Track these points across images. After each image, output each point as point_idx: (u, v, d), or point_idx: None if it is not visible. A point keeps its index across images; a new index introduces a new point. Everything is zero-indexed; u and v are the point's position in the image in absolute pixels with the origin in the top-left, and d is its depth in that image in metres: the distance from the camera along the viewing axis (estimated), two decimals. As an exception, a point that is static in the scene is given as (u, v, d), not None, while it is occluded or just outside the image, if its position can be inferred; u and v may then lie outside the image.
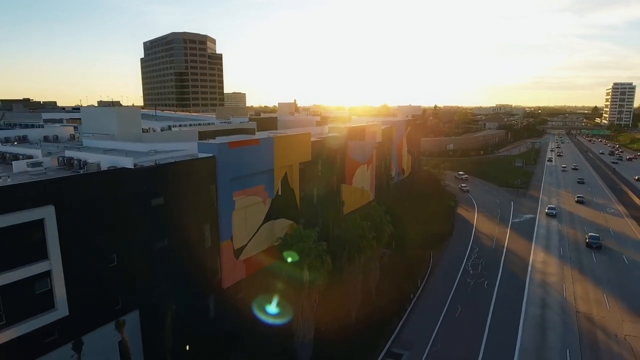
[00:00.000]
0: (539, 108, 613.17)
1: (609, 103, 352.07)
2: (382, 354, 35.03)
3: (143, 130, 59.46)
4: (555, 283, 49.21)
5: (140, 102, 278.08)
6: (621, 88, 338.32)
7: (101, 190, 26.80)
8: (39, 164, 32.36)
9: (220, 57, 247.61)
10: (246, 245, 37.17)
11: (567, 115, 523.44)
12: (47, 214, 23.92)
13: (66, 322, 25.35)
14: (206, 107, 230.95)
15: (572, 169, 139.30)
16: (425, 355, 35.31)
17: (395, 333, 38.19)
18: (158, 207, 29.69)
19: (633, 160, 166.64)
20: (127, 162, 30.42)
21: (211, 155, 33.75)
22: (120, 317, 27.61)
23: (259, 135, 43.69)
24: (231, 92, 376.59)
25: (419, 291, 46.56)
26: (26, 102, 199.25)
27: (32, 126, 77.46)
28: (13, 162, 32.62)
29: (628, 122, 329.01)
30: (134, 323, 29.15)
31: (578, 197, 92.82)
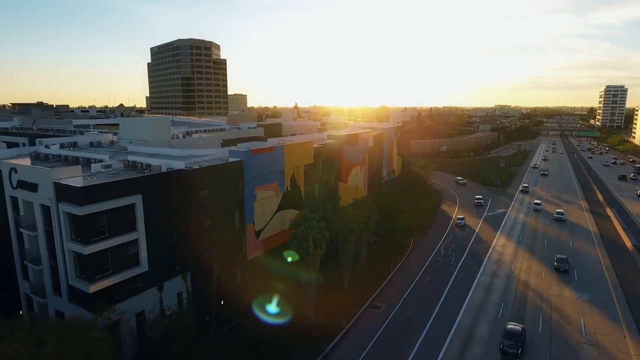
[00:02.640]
0: (537, 109, 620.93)
1: (602, 105, 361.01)
2: (366, 305, 47.07)
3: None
4: (507, 261, 60.81)
5: (142, 105, 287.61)
6: (613, 90, 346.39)
7: (168, 185, 38.34)
8: (109, 166, 43.71)
9: (224, 62, 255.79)
10: (264, 228, 48.16)
11: (563, 116, 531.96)
12: (137, 200, 35.31)
13: (146, 275, 36.79)
14: (211, 111, 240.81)
15: (555, 219, 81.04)
16: (398, 306, 47.28)
17: (377, 292, 50.01)
18: (203, 197, 41.18)
19: (603, 153, 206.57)
20: (180, 165, 41.35)
21: (239, 159, 45.34)
22: (183, 272, 39.34)
23: (273, 143, 54.89)
24: (232, 93, 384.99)
25: (398, 265, 58.23)
26: (40, 105, 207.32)
27: (64, 131, 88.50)
28: (91, 165, 43.29)
29: (620, 124, 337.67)
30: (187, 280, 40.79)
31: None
